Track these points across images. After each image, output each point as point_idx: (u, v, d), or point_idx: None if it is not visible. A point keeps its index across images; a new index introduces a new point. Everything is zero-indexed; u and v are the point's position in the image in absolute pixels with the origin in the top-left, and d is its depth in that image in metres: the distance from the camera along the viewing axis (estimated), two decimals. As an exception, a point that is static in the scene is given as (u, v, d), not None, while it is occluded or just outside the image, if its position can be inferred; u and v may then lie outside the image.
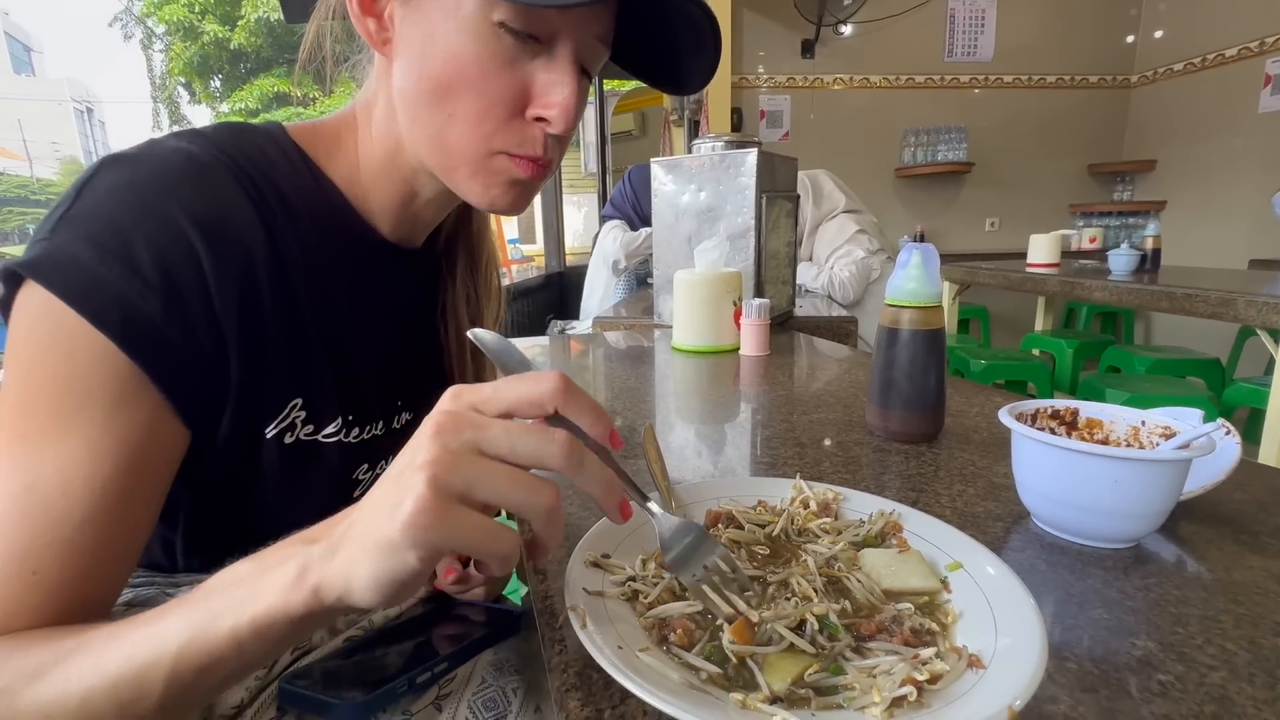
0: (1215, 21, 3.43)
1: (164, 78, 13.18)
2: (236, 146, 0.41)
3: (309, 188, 0.44)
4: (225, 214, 0.38)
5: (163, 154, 0.37)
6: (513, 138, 0.42)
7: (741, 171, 1.19)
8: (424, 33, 0.40)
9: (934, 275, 0.60)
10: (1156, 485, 0.38)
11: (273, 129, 0.45)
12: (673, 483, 0.52)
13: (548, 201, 3.36)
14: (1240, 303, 1.64)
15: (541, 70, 0.41)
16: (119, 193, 0.35)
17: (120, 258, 0.34)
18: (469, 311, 0.57)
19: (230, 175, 0.39)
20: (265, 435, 0.42)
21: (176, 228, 0.35)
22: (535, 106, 0.42)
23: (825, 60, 3.75)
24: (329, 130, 0.47)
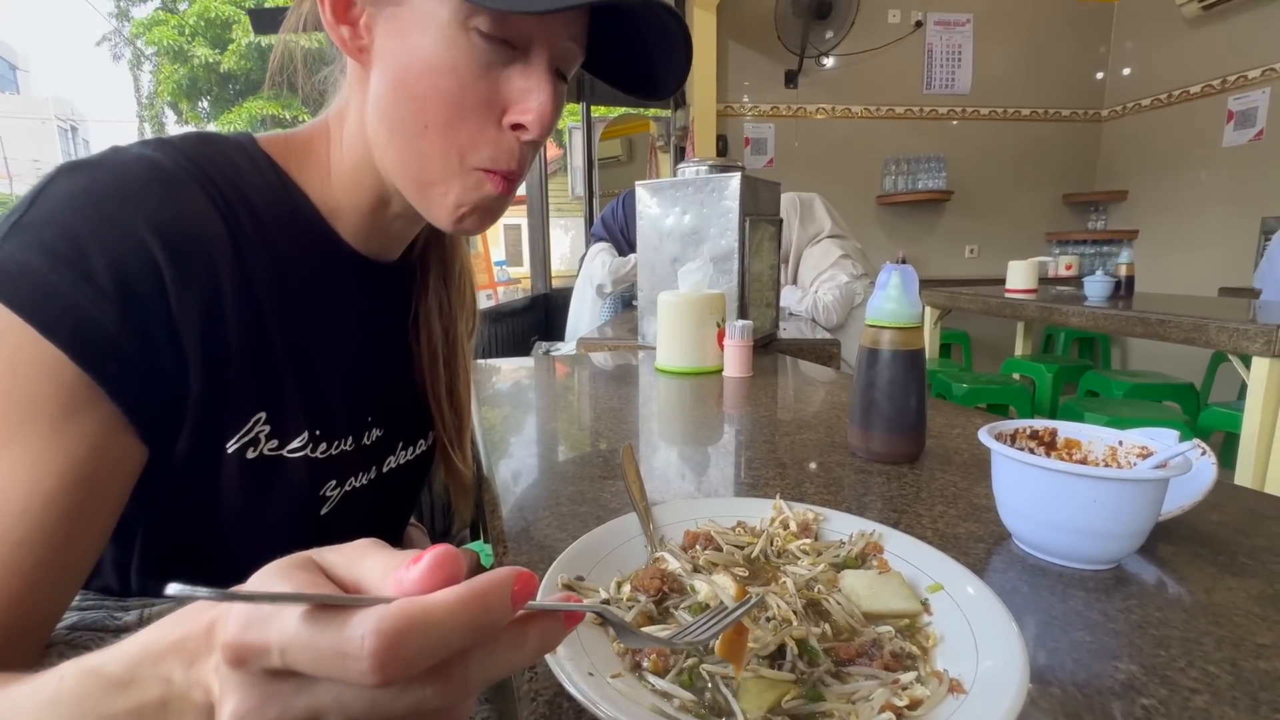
0: (1179, 60, 3.57)
1: (151, 98, 13.17)
2: (205, 155, 0.40)
3: (279, 198, 0.44)
4: (188, 223, 0.37)
5: (125, 161, 0.37)
6: (487, 150, 0.42)
7: (725, 195, 1.20)
8: (400, 41, 0.40)
9: (913, 296, 0.61)
10: (1134, 505, 0.38)
11: (243, 139, 0.44)
12: (652, 503, 0.51)
13: (534, 224, 3.38)
14: (1212, 329, 1.67)
15: (518, 77, 0.41)
16: (75, 199, 0.34)
17: (73, 265, 0.33)
18: (442, 322, 0.56)
19: (196, 184, 0.38)
20: (226, 450, 0.40)
21: (135, 236, 0.34)
22: (512, 113, 0.41)
23: (808, 90, 3.84)
24: (301, 140, 0.46)
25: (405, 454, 0.55)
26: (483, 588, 0.18)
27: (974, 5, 3.85)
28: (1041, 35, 3.92)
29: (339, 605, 0.18)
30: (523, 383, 1.10)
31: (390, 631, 0.17)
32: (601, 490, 0.56)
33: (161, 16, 11.69)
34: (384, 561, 0.20)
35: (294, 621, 0.18)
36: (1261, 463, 1.62)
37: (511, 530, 0.49)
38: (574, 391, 1.06)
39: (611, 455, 0.65)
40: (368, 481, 0.50)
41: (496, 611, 0.18)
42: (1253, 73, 3.22)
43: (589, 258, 2.34)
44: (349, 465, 0.48)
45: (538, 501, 0.54)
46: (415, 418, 0.56)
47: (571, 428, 0.82)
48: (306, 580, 0.19)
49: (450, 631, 0.17)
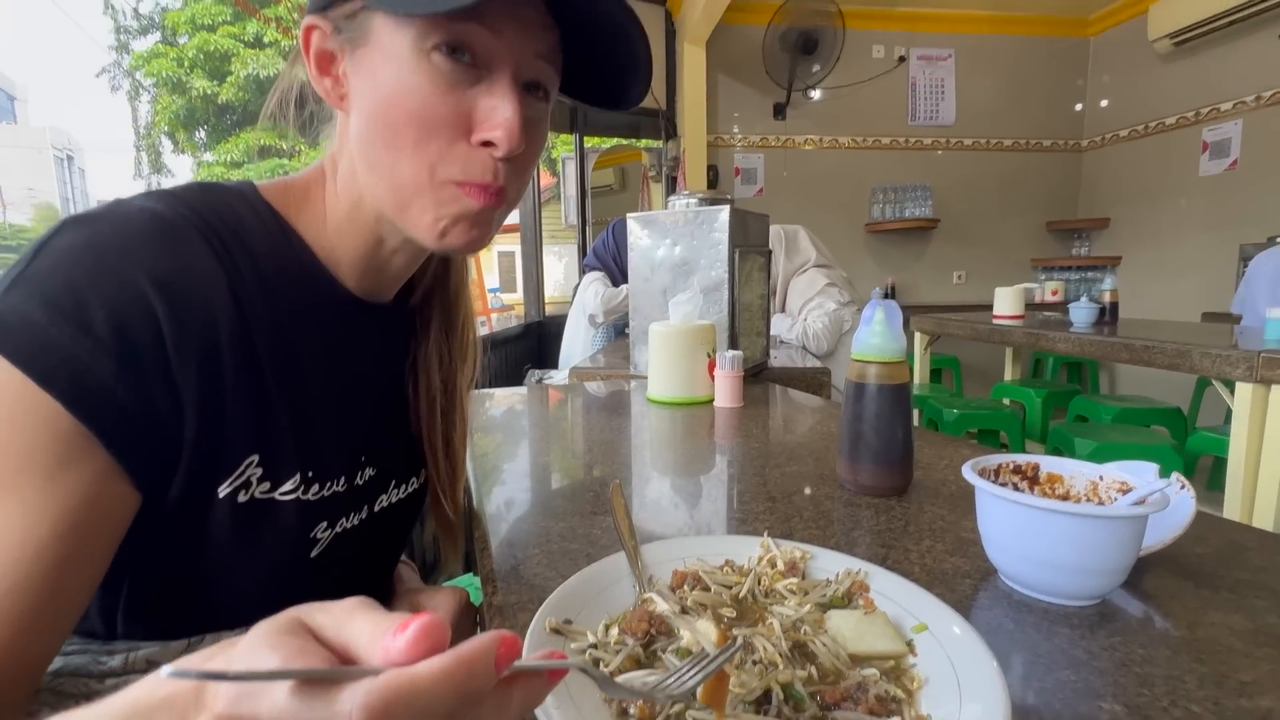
0: (1154, 93, 3.69)
1: (148, 128, 13.29)
2: (206, 205, 0.41)
3: (278, 245, 0.45)
4: (188, 273, 0.38)
5: (126, 213, 0.37)
6: (457, 164, 0.42)
7: (715, 227, 1.22)
8: (369, 79, 0.42)
9: (897, 331, 0.62)
10: (1114, 541, 0.39)
11: (244, 187, 0.45)
12: (641, 540, 0.52)
13: (528, 253, 3.41)
14: (1195, 354, 1.70)
15: (483, 96, 0.42)
16: (76, 252, 0.35)
17: (73, 318, 0.33)
18: (442, 374, 0.56)
19: (197, 233, 0.39)
20: (218, 494, 0.40)
21: (135, 287, 0.35)
22: (479, 131, 0.42)
23: (796, 122, 3.93)
24: (300, 187, 0.48)
25: (398, 492, 0.55)
26: (467, 656, 0.19)
27: (954, 41, 3.98)
28: (1021, 69, 4.04)
29: (327, 679, 0.18)
30: (515, 414, 1.10)
31: (378, 705, 0.17)
32: (592, 526, 0.56)
33: (161, 49, 11.86)
34: (371, 625, 0.20)
35: (284, 695, 0.18)
36: (1250, 487, 1.63)
37: (501, 569, 0.49)
38: (566, 422, 1.06)
39: (603, 489, 0.65)
40: (359, 521, 0.50)
41: (481, 678, 0.19)
42: (1225, 105, 3.33)
43: (582, 287, 2.36)
44: (341, 506, 0.48)
45: (528, 538, 0.54)
46: (408, 456, 0.56)
47: (563, 461, 0.82)
48: (296, 646, 0.19)
49: (436, 701, 0.18)
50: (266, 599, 0.45)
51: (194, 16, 11.33)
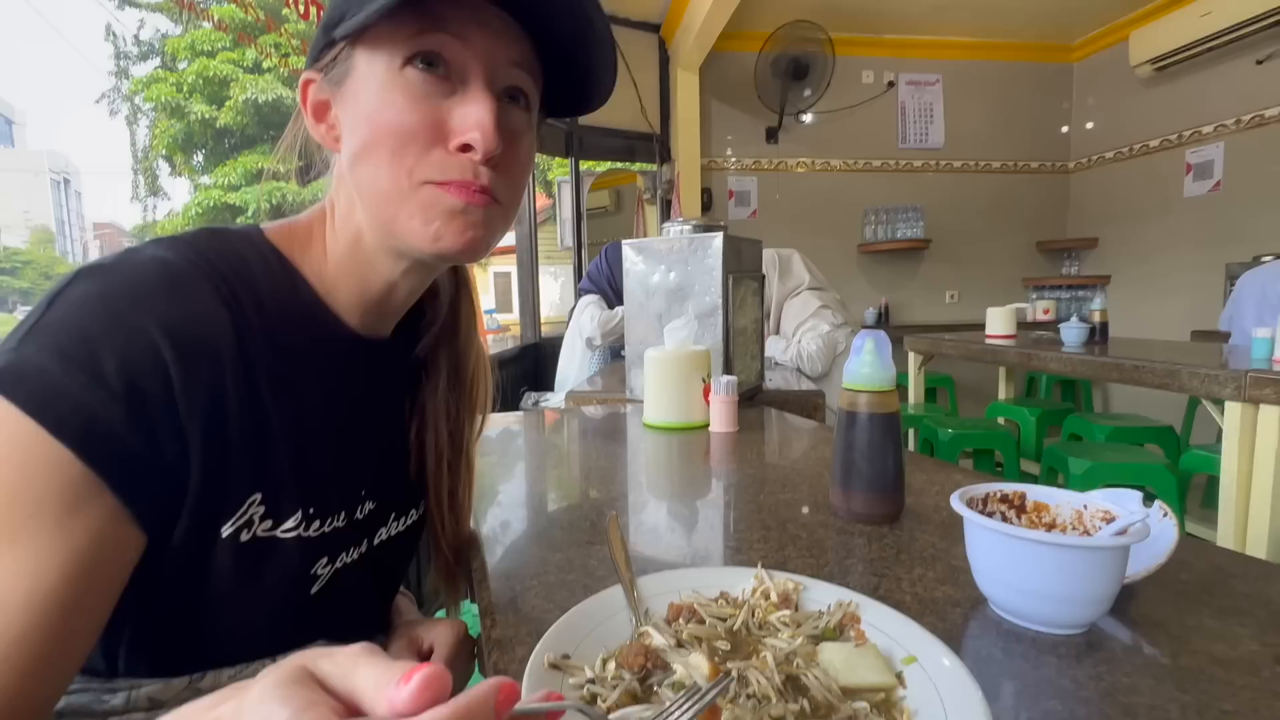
0: (1137, 116, 3.77)
1: (146, 151, 13.38)
2: (214, 250, 0.43)
3: (282, 285, 0.46)
4: (197, 321, 0.39)
5: (138, 263, 0.39)
6: (434, 166, 0.43)
7: (708, 254, 1.24)
8: (352, 106, 0.44)
9: (887, 361, 0.63)
10: (1097, 571, 0.40)
11: (250, 231, 0.47)
12: (638, 570, 0.52)
13: (524, 275, 3.44)
14: (1184, 374, 1.72)
15: (458, 104, 0.43)
16: (89, 303, 0.36)
17: (85, 367, 0.34)
18: (449, 426, 0.57)
19: (206, 280, 0.40)
20: (221, 534, 0.41)
21: (145, 337, 0.36)
22: (455, 136, 0.42)
23: (788, 145, 4.00)
24: (303, 228, 0.49)
25: (397, 525, 0.56)
26: (467, 706, 0.20)
27: (942, 66, 4.06)
28: (1007, 93, 4.13)
29: None
30: (511, 441, 1.11)
31: None
32: (589, 557, 0.57)
33: (160, 74, 12.00)
34: (376, 674, 0.21)
35: None
36: (1242, 505, 1.64)
37: (499, 601, 0.49)
38: (562, 450, 1.07)
39: (599, 518, 0.66)
40: (359, 556, 0.51)
41: None
42: (1206, 128, 3.41)
43: (578, 310, 2.38)
44: (341, 541, 0.49)
45: (525, 570, 0.55)
46: (408, 489, 0.57)
47: (560, 488, 0.83)
48: (305, 698, 0.20)
49: None
50: (267, 636, 0.45)
51: (194, 43, 11.49)
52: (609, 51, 0.47)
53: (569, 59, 0.47)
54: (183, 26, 12.07)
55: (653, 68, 3.72)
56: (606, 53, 0.47)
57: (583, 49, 0.46)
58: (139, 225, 15.11)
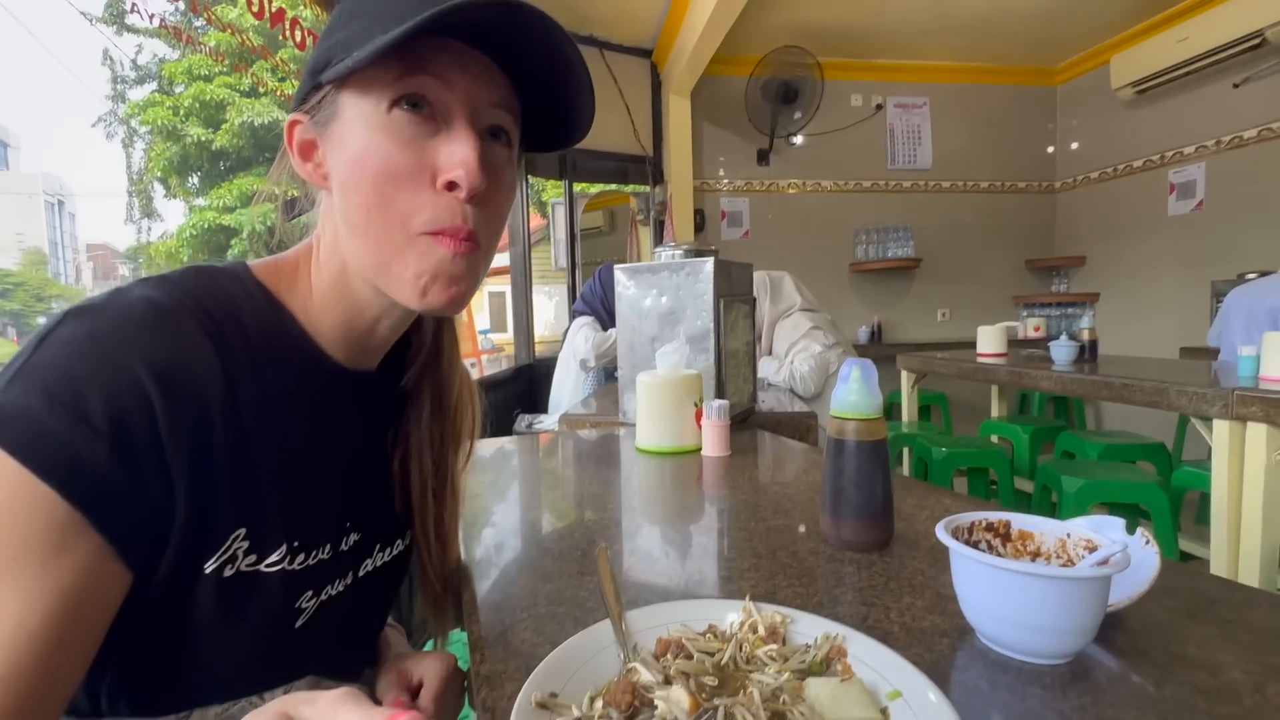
0: (1120, 137, 3.85)
1: (141, 174, 13.44)
2: (202, 289, 0.43)
3: (268, 321, 0.47)
4: (183, 359, 0.39)
5: (126, 303, 0.39)
6: (427, 212, 0.44)
7: (700, 278, 1.26)
8: (340, 148, 0.45)
9: (873, 389, 0.64)
10: (1079, 601, 0.40)
11: (237, 268, 0.48)
12: (628, 600, 0.52)
13: (518, 295, 3.45)
14: (1172, 392, 1.74)
15: (443, 143, 0.44)
16: (76, 343, 0.37)
17: (71, 408, 0.35)
18: (434, 455, 0.58)
19: (193, 318, 0.41)
20: (204, 570, 0.41)
21: (132, 376, 0.37)
22: (442, 175, 0.44)
23: (779, 167, 4.06)
24: (289, 264, 0.50)
25: (383, 555, 0.56)
26: None
27: (928, 90, 4.15)
28: (993, 115, 4.21)
29: None
30: (504, 464, 1.11)
31: None
32: (579, 588, 0.57)
33: (157, 98, 12.10)
34: None
35: None
36: (1234, 522, 1.65)
37: (489, 636, 0.49)
38: (555, 474, 1.07)
39: (591, 547, 0.66)
40: (344, 588, 0.51)
41: None
42: (1188, 149, 3.48)
43: (572, 332, 2.39)
44: (326, 574, 0.49)
45: (515, 602, 0.55)
46: (393, 519, 0.57)
47: (552, 516, 0.83)
48: None
49: None
50: (253, 671, 0.45)
51: (190, 68, 11.61)
52: (587, 92, 0.49)
53: (548, 98, 0.49)
54: (180, 51, 12.21)
55: (645, 91, 3.78)
56: (584, 93, 0.49)
57: (561, 90, 0.48)
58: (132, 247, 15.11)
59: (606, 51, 3.61)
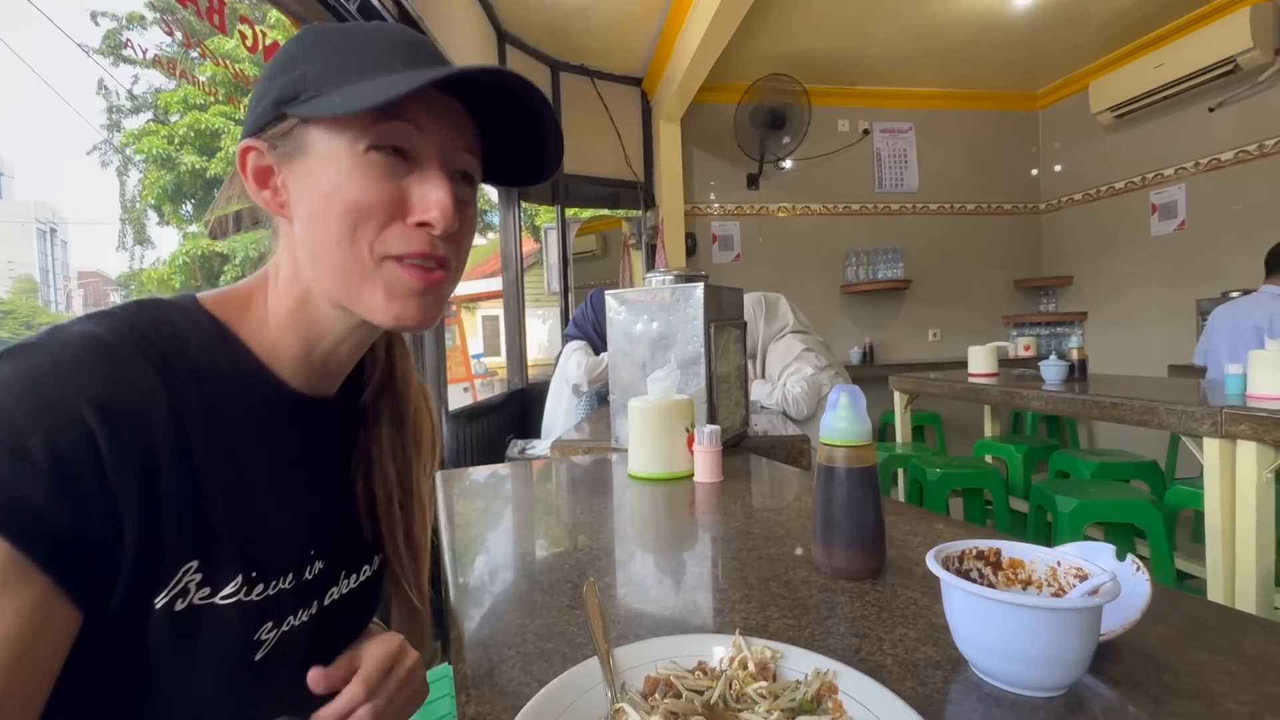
0: (1102, 160, 3.93)
1: (134, 201, 13.46)
2: (146, 321, 0.43)
3: (218, 351, 0.46)
4: (125, 390, 0.39)
5: (63, 340, 0.39)
6: (395, 241, 0.45)
7: (690, 304, 1.27)
8: (307, 182, 0.45)
9: (862, 415, 0.64)
10: (1070, 632, 0.40)
11: (185, 301, 0.48)
12: (618, 634, 0.52)
13: (511, 320, 3.45)
14: (1162, 411, 1.75)
15: (416, 184, 0.45)
16: (13, 382, 0.36)
17: (9, 447, 0.34)
18: (397, 466, 0.57)
19: (136, 351, 0.40)
20: (154, 605, 0.40)
21: (72, 412, 0.36)
22: (414, 214, 0.45)
23: (769, 191, 4.12)
24: (242, 294, 0.50)
25: (348, 583, 0.55)
26: None
27: (914, 115, 4.23)
28: (977, 139, 4.30)
29: None
30: (496, 492, 1.10)
31: None
32: (569, 623, 0.56)
33: (152, 127, 12.17)
34: None
35: None
36: (1228, 541, 1.65)
37: (476, 675, 0.48)
38: (546, 503, 1.06)
39: (581, 579, 0.65)
40: (308, 618, 0.50)
41: None
42: (1167, 170, 3.55)
43: (564, 356, 2.39)
44: (287, 604, 0.48)
45: (503, 639, 0.54)
46: (357, 543, 0.56)
47: (542, 547, 0.82)
48: None
49: None
50: (213, 707, 0.44)
51: (186, 97, 11.71)
52: (554, 139, 0.51)
53: (516, 143, 0.51)
54: (176, 81, 12.32)
55: (635, 118, 3.84)
56: (552, 138, 0.50)
57: (530, 135, 0.50)
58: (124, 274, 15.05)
59: (598, 80, 3.68)
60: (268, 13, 4.36)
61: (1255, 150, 3.15)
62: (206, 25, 1.46)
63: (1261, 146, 3.12)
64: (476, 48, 2.82)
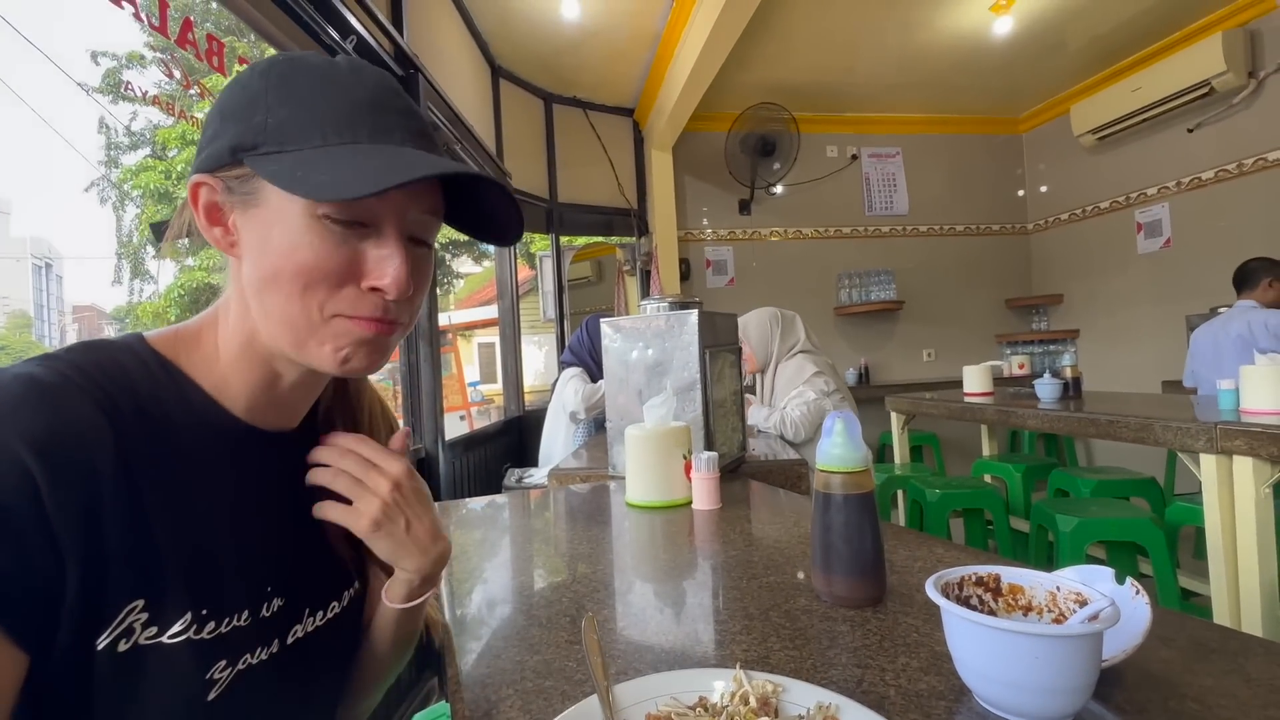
0: (1086, 180, 4.01)
1: (131, 235, 13.50)
2: (89, 361, 0.43)
3: (165, 388, 0.46)
4: (66, 429, 0.39)
5: (2, 383, 0.39)
6: (347, 304, 0.45)
7: (684, 330, 1.27)
8: (261, 234, 0.45)
9: (857, 441, 0.64)
10: (1072, 659, 0.40)
11: (131, 340, 0.47)
12: (618, 669, 0.51)
13: (507, 348, 3.46)
14: (1157, 427, 1.76)
15: (371, 248, 0.45)
16: None
17: None
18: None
19: (78, 390, 0.40)
20: (96, 646, 0.39)
21: (8, 452, 0.36)
22: (368, 280, 0.45)
23: (761, 215, 4.17)
24: (190, 332, 0.50)
25: (314, 619, 0.53)
26: None
27: (901, 140, 4.32)
28: (963, 162, 4.38)
29: None
30: (493, 523, 1.09)
31: None
32: (568, 658, 0.55)
33: (150, 163, 12.29)
34: None
35: None
36: (1230, 557, 1.64)
37: (474, 714, 0.48)
38: (545, 534, 1.05)
39: (579, 613, 0.65)
40: (268, 656, 0.49)
41: None
42: (1150, 190, 3.62)
43: (561, 384, 2.39)
44: (243, 641, 0.47)
45: (502, 677, 0.53)
46: (324, 580, 0.55)
47: (540, 579, 0.81)
48: None
49: None
50: None
51: (184, 133, 11.85)
52: (515, 221, 0.52)
53: (478, 205, 0.52)
54: (174, 118, 12.47)
55: (628, 148, 3.91)
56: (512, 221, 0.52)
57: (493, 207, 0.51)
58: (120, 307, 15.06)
59: (590, 111, 3.75)
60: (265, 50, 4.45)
61: (1235, 169, 3.22)
62: (205, 65, 1.48)
63: (1241, 165, 3.19)
64: (472, 84, 2.88)
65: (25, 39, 3.78)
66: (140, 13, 1.22)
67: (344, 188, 0.41)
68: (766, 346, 2.23)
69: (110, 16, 10.93)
